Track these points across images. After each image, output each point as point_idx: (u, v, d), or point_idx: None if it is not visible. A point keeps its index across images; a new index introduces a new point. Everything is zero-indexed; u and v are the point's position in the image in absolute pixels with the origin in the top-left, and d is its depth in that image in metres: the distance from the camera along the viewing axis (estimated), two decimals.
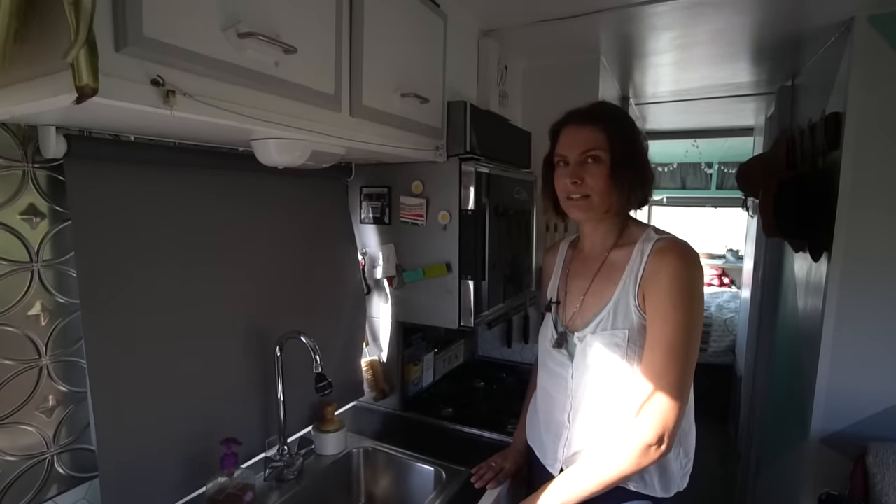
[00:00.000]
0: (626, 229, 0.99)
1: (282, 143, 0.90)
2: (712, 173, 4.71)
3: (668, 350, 0.87)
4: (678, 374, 0.86)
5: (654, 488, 0.95)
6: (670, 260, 0.89)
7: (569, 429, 0.99)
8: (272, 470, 1.15)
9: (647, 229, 0.98)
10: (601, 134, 0.93)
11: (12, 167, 0.81)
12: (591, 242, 1.04)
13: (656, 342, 0.88)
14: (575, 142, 0.95)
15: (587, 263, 1.03)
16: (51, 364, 0.87)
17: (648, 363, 0.89)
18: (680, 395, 0.86)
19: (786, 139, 1.87)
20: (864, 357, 1.41)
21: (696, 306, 0.89)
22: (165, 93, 0.63)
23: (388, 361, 1.56)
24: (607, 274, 0.97)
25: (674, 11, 1.42)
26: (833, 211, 1.40)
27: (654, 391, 0.87)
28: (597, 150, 0.93)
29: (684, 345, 0.86)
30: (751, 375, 2.54)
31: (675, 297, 0.87)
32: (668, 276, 0.88)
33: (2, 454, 0.81)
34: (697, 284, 0.90)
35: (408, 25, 1.14)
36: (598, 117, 0.96)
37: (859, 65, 1.35)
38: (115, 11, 0.57)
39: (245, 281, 1.16)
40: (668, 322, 0.87)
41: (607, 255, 0.99)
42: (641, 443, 0.86)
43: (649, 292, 0.90)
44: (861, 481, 1.31)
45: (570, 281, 1.06)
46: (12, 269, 0.81)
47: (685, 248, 0.91)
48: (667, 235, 0.96)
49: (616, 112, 1.00)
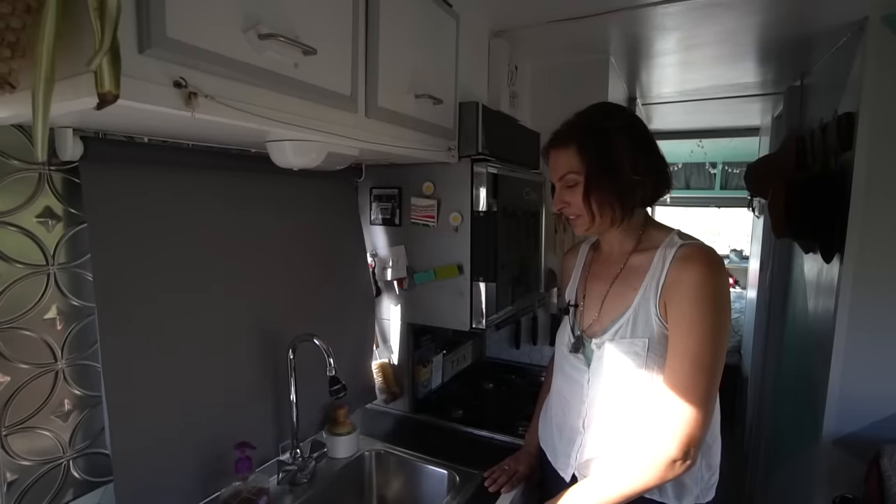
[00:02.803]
0: (645, 232, 0.97)
1: (298, 145, 0.90)
2: (716, 173, 4.71)
3: (693, 362, 0.84)
4: (705, 387, 0.84)
5: (667, 495, 0.93)
6: (695, 268, 0.86)
7: (583, 435, 0.98)
8: (285, 473, 1.15)
9: (670, 234, 0.95)
10: (574, 154, 0.91)
11: (28, 170, 0.81)
12: (609, 246, 1.02)
13: (681, 354, 0.85)
14: (554, 167, 0.96)
15: (607, 266, 1.01)
16: (66, 368, 0.87)
17: (674, 375, 0.86)
18: (706, 409, 0.84)
19: (795, 140, 1.87)
20: (877, 359, 1.40)
21: (723, 316, 0.85)
22: (187, 95, 0.62)
23: (398, 363, 1.55)
24: (627, 279, 0.95)
25: (684, 12, 1.41)
26: (846, 212, 1.39)
27: (680, 405, 0.84)
28: (570, 174, 0.92)
29: (711, 357, 0.84)
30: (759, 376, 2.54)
31: (701, 308, 0.84)
32: (692, 285, 0.85)
33: (18, 459, 0.81)
34: (724, 293, 0.86)
35: (422, 25, 1.14)
36: (570, 137, 0.93)
37: (873, 65, 1.34)
38: (139, 13, 0.56)
39: (258, 282, 1.15)
40: (693, 333, 0.84)
41: (627, 260, 0.97)
42: (667, 457, 0.84)
43: (672, 301, 0.87)
44: (876, 484, 1.30)
45: (588, 284, 1.04)
46: (29, 272, 0.81)
47: (710, 254, 0.88)
48: (691, 241, 0.92)
49: (590, 122, 0.94)
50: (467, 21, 1.35)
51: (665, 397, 0.87)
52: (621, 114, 0.96)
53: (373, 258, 1.51)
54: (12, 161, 0.79)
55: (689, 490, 0.93)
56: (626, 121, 0.94)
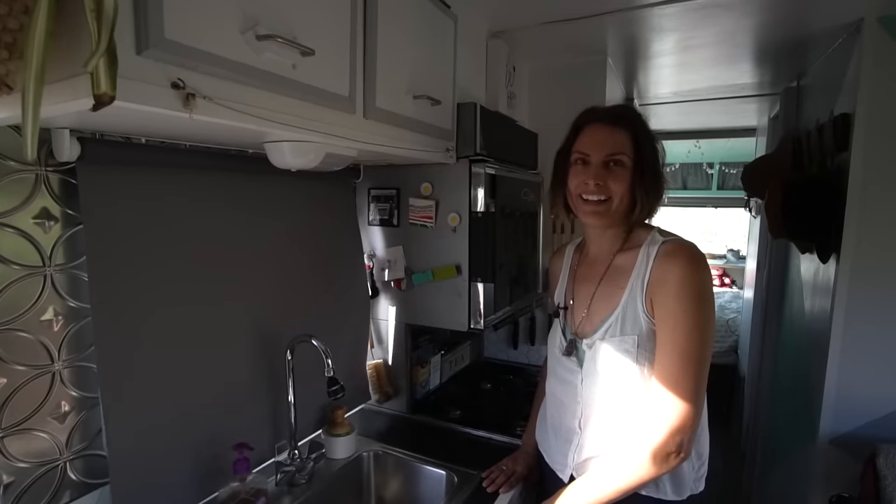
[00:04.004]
0: (631, 232, 0.98)
1: (296, 146, 0.90)
2: (713, 174, 4.72)
3: (682, 356, 0.85)
4: (694, 380, 0.85)
5: (665, 492, 0.94)
6: (677, 264, 0.88)
7: (580, 435, 0.98)
8: (283, 474, 1.15)
9: (651, 231, 0.96)
10: (627, 138, 0.92)
11: (25, 171, 0.80)
12: (598, 247, 1.03)
13: (669, 349, 0.87)
14: (600, 142, 0.93)
15: (593, 268, 1.02)
16: (63, 369, 0.86)
17: (662, 370, 0.87)
18: (696, 401, 0.85)
19: (792, 140, 1.87)
20: (873, 358, 1.40)
21: (707, 310, 0.87)
22: (185, 96, 0.62)
23: (395, 364, 1.55)
24: (613, 278, 0.96)
25: (682, 13, 1.42)
26: (842, 212, 1.40)
27: (670, 398, 0.86)
28: (622, 154, 0.91)
29: (698, 350, 0.85)
30: (755, 376, 2.55)
31: (685, 302, 0.86)
32: (675, 280, 0.87)
33: (15, 461, 0.80)
34: (706, 287, 0.88)
35: (420, 26, 1.14)
36: (625, 120, 0.94)
37: (869, 66, 1.35)
38: (136, 13, 0.56)
39: (254, 283, 1.15)
40: (678, 327, 0.86)
41: (612, 259, 0.98)
42: (659, 451, 0.85)
43: (657, 297, 0.89)
44: (871, 483, 1.30)
45: (577, 286, 1.05)
46: (25, 273, 0.81)
47: (692, 250, 0.90)
48: (672, 237, 0.94)
49: (641, 118, 0.97)
50: (465, 22, 1.35)
51: (656, 392, 0.88)
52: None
53: (371, 259, 1.51)
54: (9, 162, 0.78)
55: (685, 483, 0.94)
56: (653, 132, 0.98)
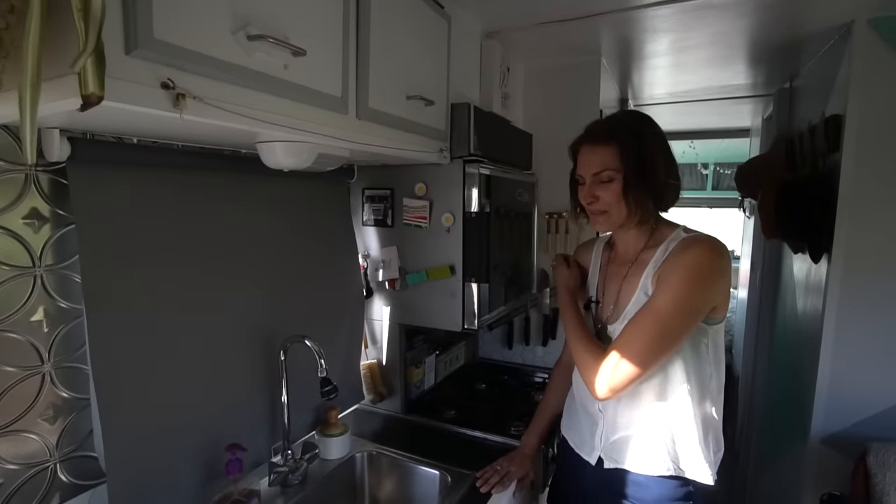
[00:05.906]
0: (656, 230, 1.01)
1: (288, 146, 0.90)
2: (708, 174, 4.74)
3: (653, 316, 0.89)
4: (650, 341, 0.89)
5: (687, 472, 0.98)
6: (692, 249, 0.91)
7: (603, 417, 1.03)
8: (277, 475, 1.14)
9: (676, 229, 1.00)
10: (614, 153, 0.95)
11: (14, 171, 0.80)
12: (624, 245, 1.07)
13: (646, 307, 0.91)
14: (588, 163, 0.99)
15: (621, 265, 1.06)
16: (53, 370, 0.86)
17: (631, 323, 0.92)
18: (642, 362, 0.89)
19: (785, 141, 1.89)
20: (864, 357, 1.42)
21: (701, 289, 0.89)
22: (175, 96, 0.62)
23: (389, 364, 1.55)
24: (636, 272, 1.00)
25: (676, 14, 1.42)
26: (833, 213, 1.41)
27: (621, 348, 0.91)
28: (608, 170, 0.95)
29: (671, 318, 0.88)
30: (749, 375, 2.56)
31: (681, 273, 0.89)
32: (682, 258, 0.91)
33: (4, 463, 0.80)
34: (710, 269, 0.90)
35: (413, 27, 1.13)
36: (613, 135, 0.96)
37: (859, 67, 1.36)
38: (125, 13, 0.56)
39: (248, 284, 1.14)
40: (664, 292, 0.90)
41: (638, 256, 1.02)
42: (591, 385, 0.95)
43: (662, 273, 0.92)
44: (862, 481, 1.32)
45: (606, 283, 1.09)
46: (15, 274, 0.80)
47: (711, 240, 0.93)
48: (695, 233, 0.98)
49: (634, 125, 0.98)
50: (459, 23, 1.35)
51: (617, 338, 0.93)
52: (653, 122, 1.00)
53: (365, 259, 1.51)
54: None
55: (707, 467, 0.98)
56: (658, 129, 1.00)
